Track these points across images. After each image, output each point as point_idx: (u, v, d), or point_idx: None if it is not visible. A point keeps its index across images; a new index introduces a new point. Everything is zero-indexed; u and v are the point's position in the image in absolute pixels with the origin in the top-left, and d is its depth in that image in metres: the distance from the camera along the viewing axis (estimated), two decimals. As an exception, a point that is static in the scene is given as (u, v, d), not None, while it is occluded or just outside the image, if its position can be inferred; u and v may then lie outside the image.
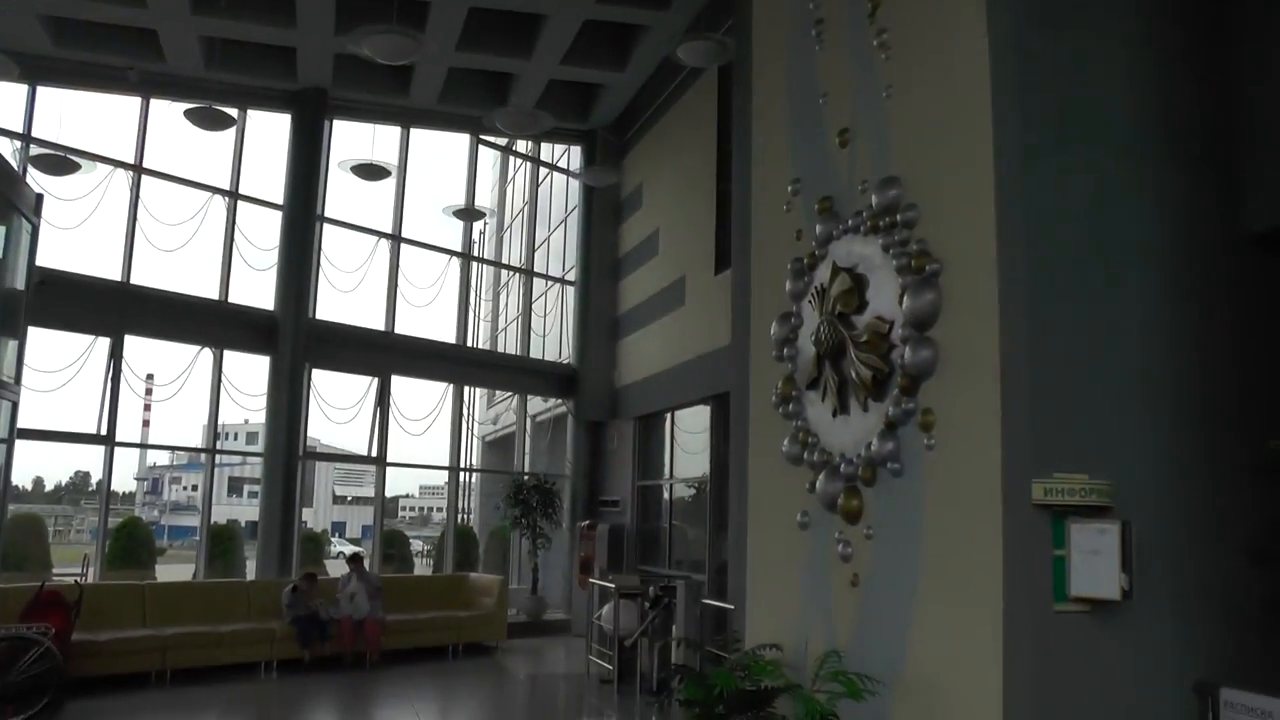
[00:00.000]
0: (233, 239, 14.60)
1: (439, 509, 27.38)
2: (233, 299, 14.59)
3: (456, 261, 17.39)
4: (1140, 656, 4.77)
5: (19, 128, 13.03)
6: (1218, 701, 4.62)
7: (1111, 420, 4.93)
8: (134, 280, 13.62)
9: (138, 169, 13.79)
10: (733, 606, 8.30)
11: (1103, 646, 4.75)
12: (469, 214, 17.27)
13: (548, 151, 19.83)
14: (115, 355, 13.10)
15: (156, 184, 13.98)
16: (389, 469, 15.98)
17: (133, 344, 13.33)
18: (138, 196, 13.73)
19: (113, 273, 13.49)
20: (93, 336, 13.01)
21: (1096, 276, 5.05)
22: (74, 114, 13.74)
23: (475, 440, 20.66)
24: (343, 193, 15.87)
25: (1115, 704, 4.70)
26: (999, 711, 4.79)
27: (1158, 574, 4.74)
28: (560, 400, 18.26)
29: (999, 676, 4.81)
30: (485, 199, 20.40)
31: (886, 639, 5.69)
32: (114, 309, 13.21)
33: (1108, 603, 4.68)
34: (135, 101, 13.92)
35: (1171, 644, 4.82)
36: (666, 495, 15.32)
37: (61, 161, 12.60)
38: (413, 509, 41.14)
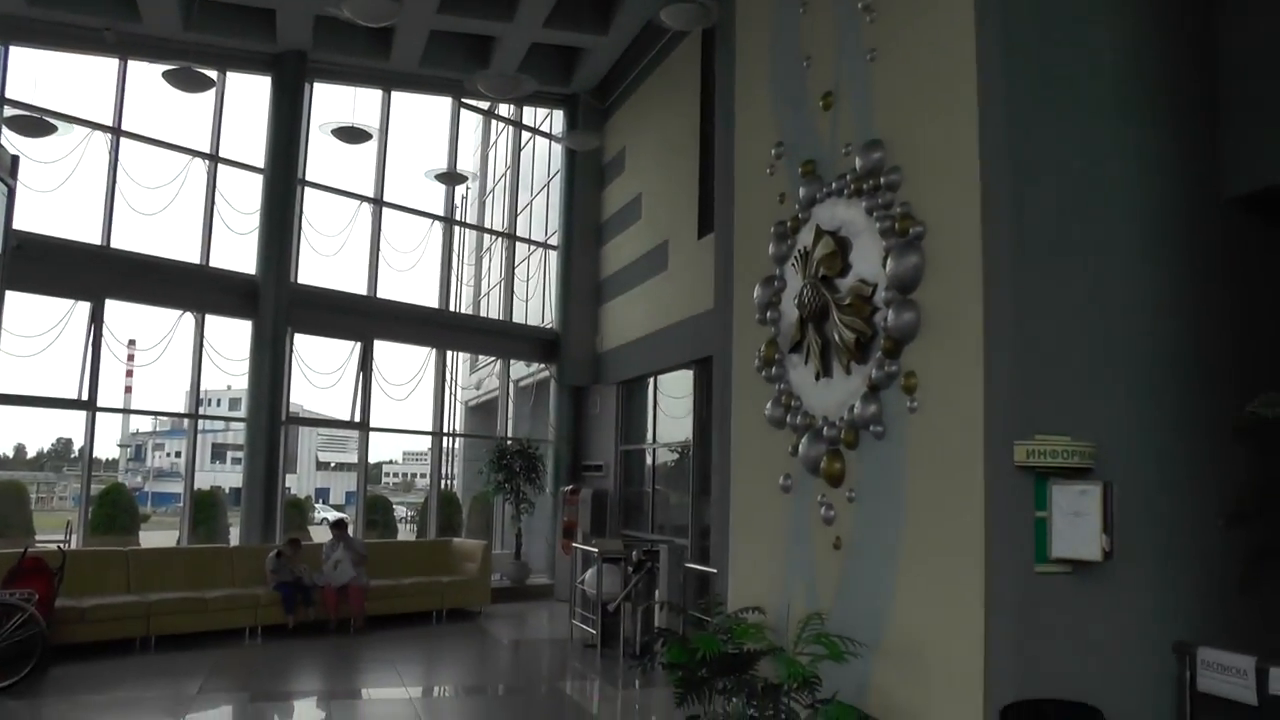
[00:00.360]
0: (213, 203, 14.49)
1: (422, 475, 27.40)
2: (214, 263, 14.49)
3: (439, 226, 17.33)
4: (1120, 617, 4.81)
5: (-7, 89, 12.88)
6: (1195, 660, 4.67)
7: (1093, 382, 4.95)
8: (114, 244, 13.51)
9: (116, 131, 13.65)
10: (715, 570, 8.34)
11: (1083, 607, 4.79)
12: (451, 178, 17.18)
13: (530, 115, 19.71)
14: (96, 319, 13.03)
15: (135, 147, 13.86)
16: (372, 434, 15.97)
17: (113, 309, 13.25)
18: (116, 159, 13.60)
19: (92, 236, 13.38)
20: (72, 301, 12.93)
21: (1080, 239, 5.05)
22: (49, 75, 13.58)
23: (458, 405, 20.65)
24: (324, 156, 15.77)
25: (1096, 664, 4.74)
26: (980, 672, 4.82)
27: (1138, 535, 4.77)
28: (543, 365, 18.26)
29: (980, 637, 4.84)
30: (467, 163, 20.29)
31: (869, 601, 5.72)
32: (94, 273, 13.11)
33: (1089, 564, 4.72)
34: (112, 63, 13.76)
35: (1151, 604, 4.86)
36: (649, 460, 15.35)
37: (37, 123, 12.44)
38: (396, 475, 41.17)
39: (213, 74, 13.53)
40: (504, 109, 19.33)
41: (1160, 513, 4.90)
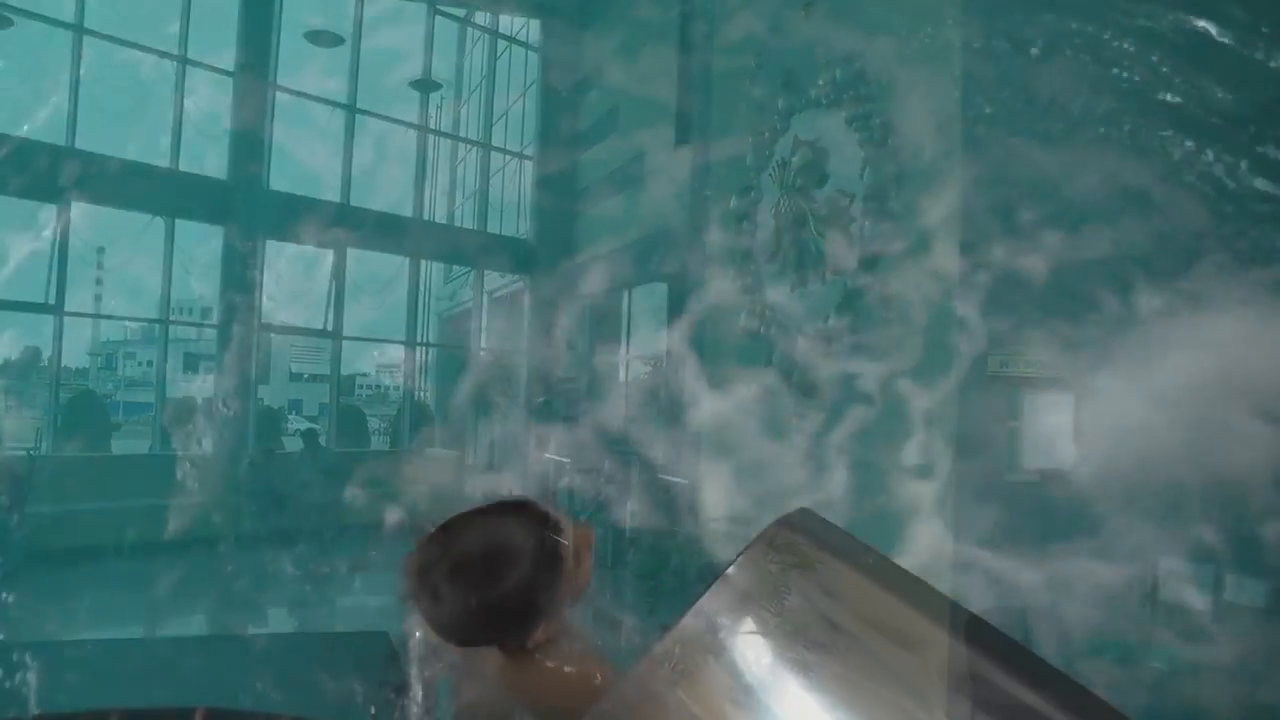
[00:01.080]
0: (183, 105, 14.18)
1: (395, 388, 27.38)
2: (184, 167, 14.22)
3: (413, 134, 17.08)
4: (1086, 525, 4.86)
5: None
6: (1157, 570, 4.74)
7: (1067, 295, 4.94)
8: (79, 145, 13.20)
9: (79, 30, 13.27)
10: (687, 481, 8.38)
11: (1052, 516, 4.83)
12: (425, 85, 16.91)
13: (506, 24, 19.35)
14: (61, 222, 12.79)
15: (100, 45, 13.49)
16: (345, 345, 15.90)
17: (81, 214, 12.99)
18: (79, 56, 13.24)
19: (56, 138, 13.05)
20: (38, 203, 12.66)
21: (1054, 157, 5.01)
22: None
23: (432, 316, 20.58)
24: (296, 61, 15.45)
25: (1061, 571, 4.79)
26: (950, 577, 4.88)
27: (1106, 447, 4.80)
28: (517, 276, 18.15)
29: (951, 544, 4.89)
30: (443, 71, 19.95)
31: (840, 509, 5.76)
32: (58, 173, 12.81)
33: (1057, 473, 4.76)
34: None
35: (1115, 514, 4.91)
36: (623, 372, 15.36)
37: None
38: (369, 387, 41.10)
39: (180, -28, 13.18)
40: (481, 18, 18.96)
41: (1127, 426, 4.93)
